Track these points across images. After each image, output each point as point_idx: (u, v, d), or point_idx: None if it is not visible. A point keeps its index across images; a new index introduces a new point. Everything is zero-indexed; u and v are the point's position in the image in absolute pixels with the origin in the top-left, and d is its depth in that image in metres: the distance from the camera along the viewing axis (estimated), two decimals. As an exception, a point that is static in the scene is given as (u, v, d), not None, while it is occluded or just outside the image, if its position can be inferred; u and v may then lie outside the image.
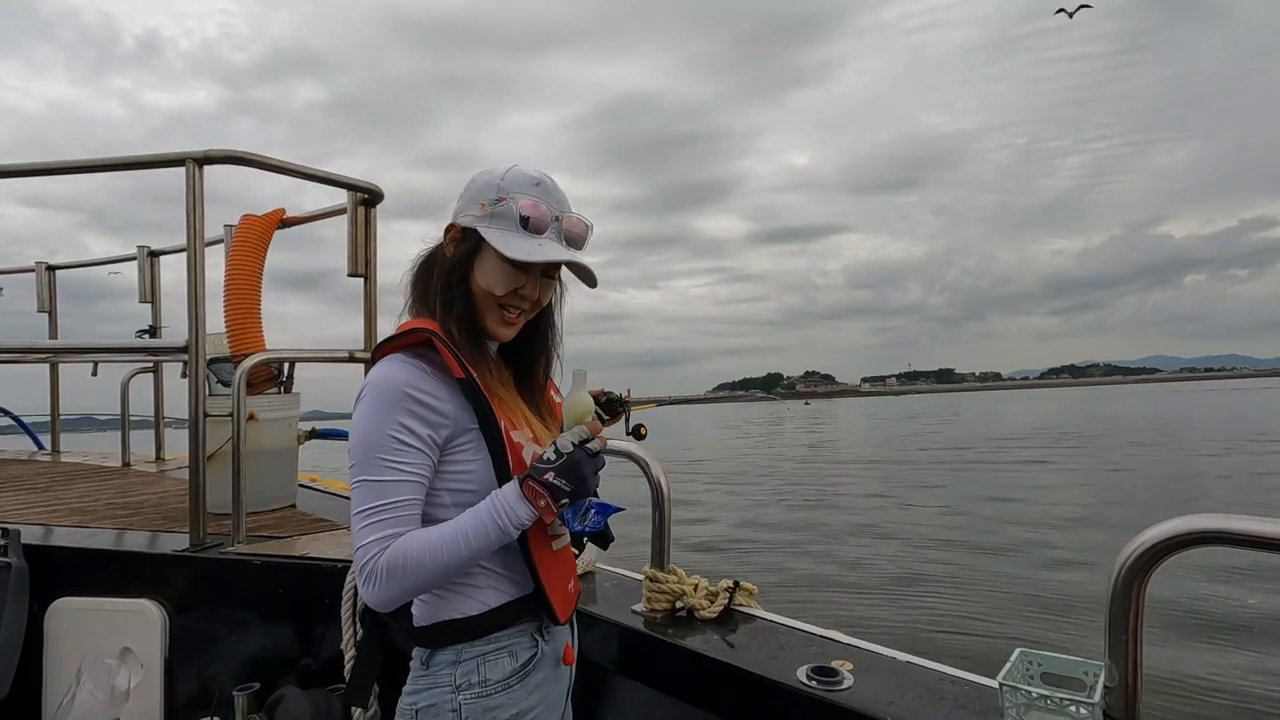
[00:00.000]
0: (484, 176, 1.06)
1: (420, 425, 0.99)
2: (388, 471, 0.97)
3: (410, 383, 0.99)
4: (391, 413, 0.98)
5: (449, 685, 1.03)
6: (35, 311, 4.54)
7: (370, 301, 2.60)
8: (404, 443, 0.98)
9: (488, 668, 1.04)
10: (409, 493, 0.98)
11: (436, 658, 1.05)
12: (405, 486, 0.98)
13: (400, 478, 0.97)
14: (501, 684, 1.04)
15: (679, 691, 1.46)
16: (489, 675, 1.04)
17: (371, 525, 0.96)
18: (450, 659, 1.04)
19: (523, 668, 1.06)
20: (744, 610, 1.59)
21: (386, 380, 1.00)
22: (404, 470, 0.98)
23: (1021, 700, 1.01)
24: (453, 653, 1.04)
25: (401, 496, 0.97)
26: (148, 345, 3.81)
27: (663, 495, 1.64)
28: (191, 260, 2.18)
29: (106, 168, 2.31)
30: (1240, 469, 15.91)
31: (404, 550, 0.94)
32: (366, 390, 1.01)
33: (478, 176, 1.07)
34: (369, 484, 0.97)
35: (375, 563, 0.94)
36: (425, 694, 1.04)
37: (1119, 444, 23.04)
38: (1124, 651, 0.98)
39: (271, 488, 2.82)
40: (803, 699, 1.21)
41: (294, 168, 2.39)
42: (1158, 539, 0.95)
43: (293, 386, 2.96)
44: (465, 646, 1.04)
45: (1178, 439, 24.16)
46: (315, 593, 1.94)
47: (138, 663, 2.05)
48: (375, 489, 0.96)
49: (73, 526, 2.59)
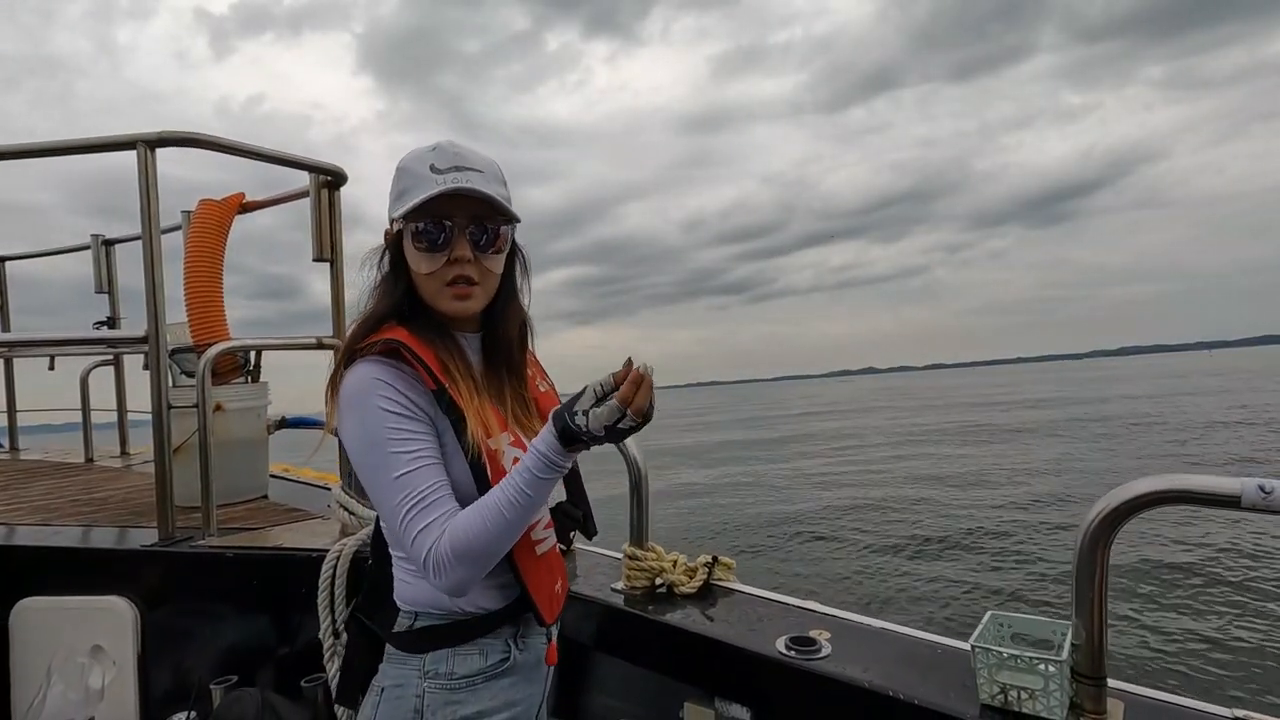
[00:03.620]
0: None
1: (411, 408, 0.97)
2: (405, 461, 0.94)
3: (385, 377, 0.97)
4: (379, 405, 0.95)
5: (417, 669, 1.03)
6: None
7: (337, 286, 2.54)
8: (405, 429, 0.95)
9: (457, 661, 1.03)
10: (434, 475, 0.95)
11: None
12: (427, 470, 0.95)
13: (419, 464, 0.95)
14: (466, 680, 1.03)
15: (661, 666, 1.48)
16: (456, 669, 1.03)
17: (415, 517, 0.92)
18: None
19: (491, 669, 1.05)
20: (723, 584, 1.61)
21: (364, 380, 0.97)
22: (420, 454, 0.95)
23: (993, 661, 1.03)
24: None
25: (429, 481, 0.94)
26: (106, 336, 3.71)
27: (640, 474, 1.64)
28: (148, 247, 2.11)
29: (53, 152, 2.21)
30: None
31: (462, 527, 0.91)
32: (346, 399, 0.98)
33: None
34: (391, 480, 0.94)
35: (438, 550, 0.91)
36: (393, 673, 1.04)
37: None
38: (1090, 610, 1.00)
39: (241, 479, 2.76)
40: (782, 668, 1.23)
41: (251, 149, 2.31)
42: (1120, 500, 0.97)
43: (260, 376, 2.90)
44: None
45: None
46: (290, 583, 1.91)
47: (110, 660, 2.01)
48: (400, 483, 0.93)
49: (35, 525, 2.52)
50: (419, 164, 1.01)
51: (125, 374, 4.22)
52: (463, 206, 1.01)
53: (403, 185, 1.02)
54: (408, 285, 1.05)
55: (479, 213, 1.02)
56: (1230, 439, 17.25)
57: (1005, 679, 1.03)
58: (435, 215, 1.00)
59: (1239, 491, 0.86)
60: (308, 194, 2.48)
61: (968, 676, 1.08)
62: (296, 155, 2.49)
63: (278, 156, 2.42)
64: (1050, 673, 1.00)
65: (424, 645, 1.04)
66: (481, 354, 1.12)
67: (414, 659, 1.03)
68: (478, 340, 1.12)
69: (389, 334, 1.00)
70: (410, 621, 1.06)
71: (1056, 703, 0.99)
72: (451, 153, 1.01)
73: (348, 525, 2.10)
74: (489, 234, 1.03)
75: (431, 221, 1.00)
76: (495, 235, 1.04)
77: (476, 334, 1.12)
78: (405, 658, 1.04)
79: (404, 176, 1.02)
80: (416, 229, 1.01)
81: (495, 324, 1.12)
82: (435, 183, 0.99)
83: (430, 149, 1.02)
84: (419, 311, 1.06)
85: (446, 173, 1.00)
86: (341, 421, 0.99)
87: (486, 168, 1.03)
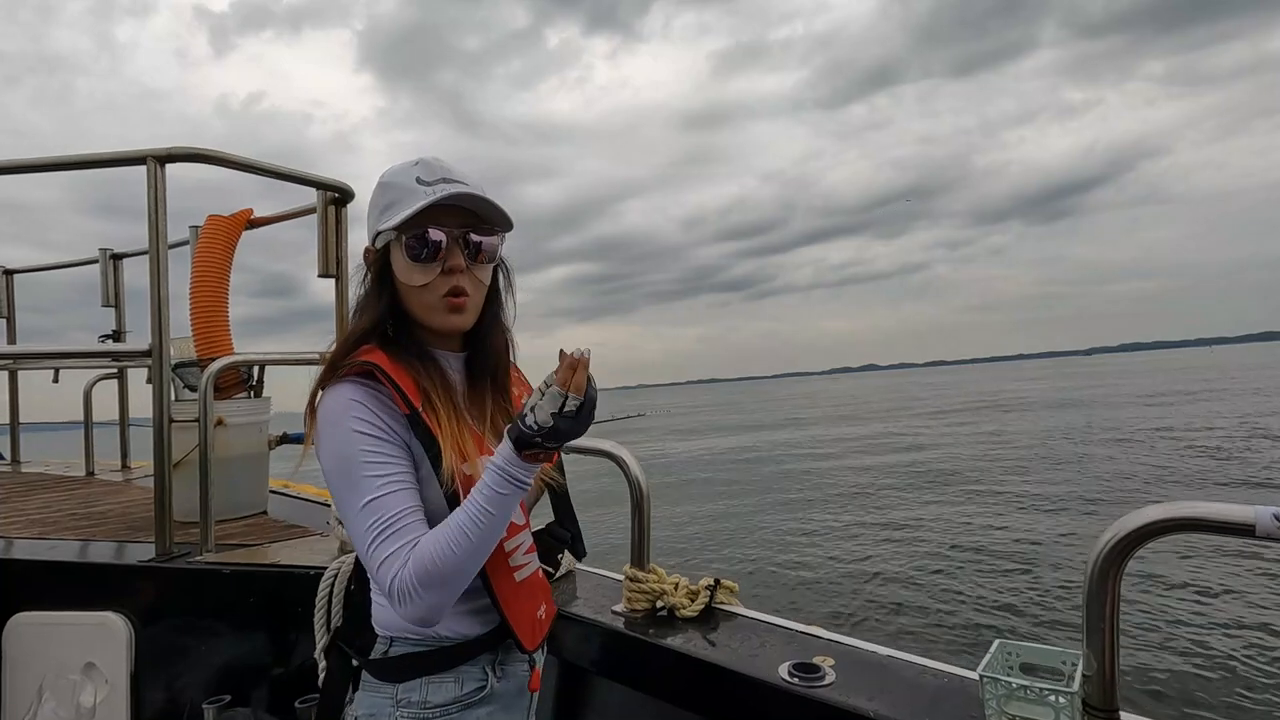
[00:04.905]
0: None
1: (385, 432, 0.95)
2: (375, 486, 0.92)
3: (361, 399, 0.95)
4: (353, 427, 0.93)
5: (390, 697, 1.00)
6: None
7: (342, 303, 2.55)
8: (379, 452, 0.93)
9: (430, 689, 1.00)
10: (406, 500, 0.93)
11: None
12: (400, 495, 0.93)
13: (391, 488, 0.92)
14: (440, 709, 1.00)
15: (660, 691, 1.45)
16: (430, 697, 1.00)
17: (382, 544, 0.90)
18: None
19: (466, 697, 1.02)
20: (725, 608, 1.58)
21: (340, 401, 0.95)
22: (391, 479, 0.93)
23: (1002, 691, 1.01)
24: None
25: (400, 506, 0.92)
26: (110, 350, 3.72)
27: (641, 494, 1.63)
28: (154, 262, 2.12)
29: (62, 166, 2.23)
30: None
31: (425, 552, 0.88)
32: (322, 420, 0.96)
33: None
34: (362, 505, 0.91)
35: (402, 577, 0.87)
36: (367, 701, 1.02)
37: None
38: (1101, 640, 0.98)
39: (241, 494, 2.75)
40: (785, 696, 1.20)
41: (261, 165, 2.33)
42: (1131, 528, 0.96)
43: (263, 390, 2.89)
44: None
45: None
46: (288, 601, 1.89)
47: (102, 678, 1.98)
48: (370, 508, 0.91)
49: (32, 538, 2.51)
50: (404, 178, 1.00)
51: (129, 387, 4.23)
52: (454, 216, 1.00)
53: (388, 199, 1.00)
54: (390, 301, 1.03)
55: (468, 223, 1.01)
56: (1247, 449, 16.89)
57: (1014, 710, 1.00)
58: (427, 224, 0.98)
59: (1253, 520, 0.85)
60: (314, 210, 2.50)
61: (975, 707, 1.06)
62: (304, 172, 2.51)
63: (285, 173, 2.45)
64: (1061, 704, 0.97)
65: (398, 673, 1.01)
66: (465, 372, 1.09)
67: (387, 687, 1.00)
68: (460, 360, 1.10)
69: (366, 356, 0.98)
70: (386, 647, 1.03)
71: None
72: (436, 166, 1.00)
73: (347, 543, 2.08)
74: (480, 244, 1.02)
75: (424, 232, 0.98)
76: (487, 245, 1.03)
77: (459, 353, 1.10)
78: (379, 685, 1.01)
79: (389, 191, 1.01)
80: (408, 240, 0.99)
81: (480, 341, 1.09)
82: (425, 194, 0.97)
83: (413, 164, 1.01)
84: (402, 329, 1.04)
85: (434, 184, 0.99)
86: (318, 442, 0.97)
87: (472, 181, 1.02)
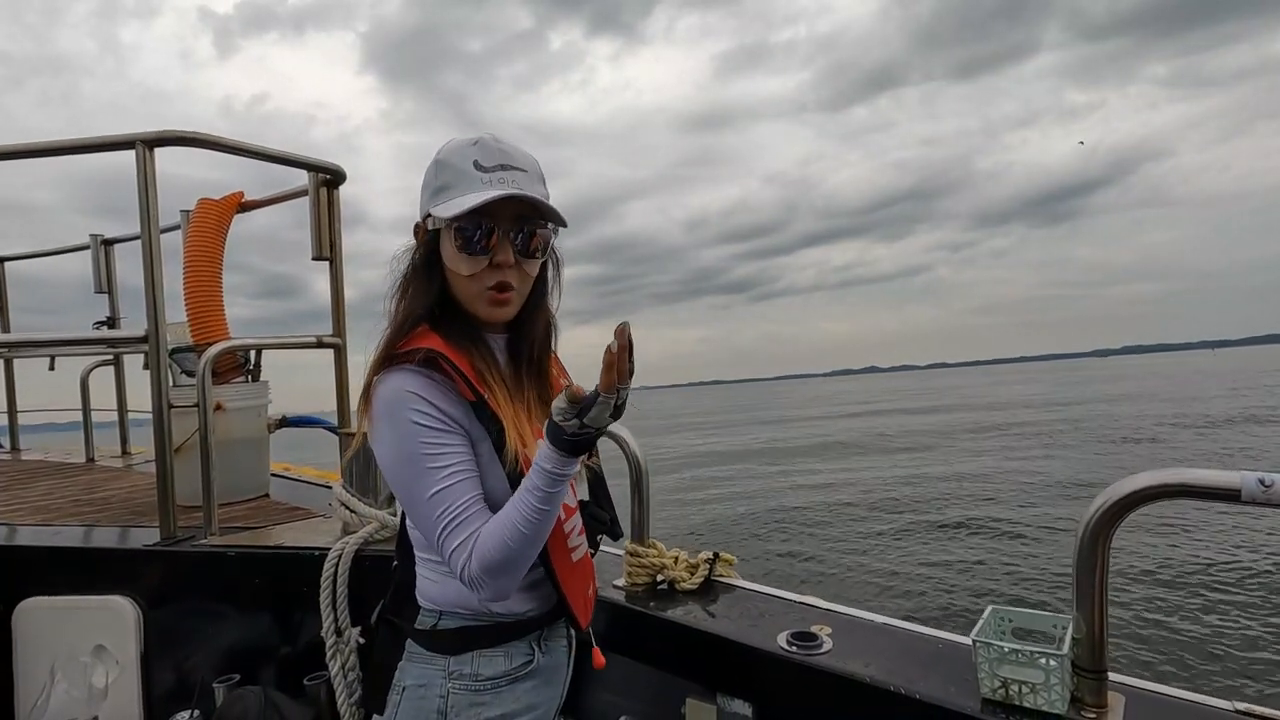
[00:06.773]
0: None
1: (443, 421, 0.95)
2: (440, 477, 0.93)
3: (417, 389, 0.94)
4: (412, 419, 0.93)
5: (442, 669, 1.02)
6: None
7: (336, 285, 2.54)
8: (439, 443, 0.94)
9: (482, 662, 1.02)
10: (469, 489, 0.94)
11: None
12: (463, 485, 0.94)
13: (455, 478, 0.94)
14: (491, 682, 1.02)
15: (662, 662, 1.48)
16: (481, 670, 1.02)
17: (450, 535, 0.92)
18: None
19: (514, 671, 1.04)
20: (724, 580, 1.61)
21: (397, 392, 0.94)
22: (454, 469, 0.94)
23: (994, 655, 1.04)
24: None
25: (465, 495, 0.93)
26: (106, 336, 3.71)
27: (641, 471, 1.65)
28: (147, 247, 2.11)
29: (52, 152, 2.21)
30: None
31: (486, 546, 0.91)
32: (378, 410, 0.95)
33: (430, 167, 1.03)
34: (428, 496, 0.93)
35: (469, 568, 0.91)
36: (415, 671, 1.03)
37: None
38: (1090, 604, 1.01)
39: (243, 478, 2.77)
40: (784, 664, 1.23)
41: (249, 148, 2.31)
42: (1121, 494, 0.97)
43: (260, 374, 2.89)
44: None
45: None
46: (293, 582, 1.91)
47: (113, 659, 2.01)
48: (436, 499, 0.93)
49: (37, 525, 2.52)
50: (461, 159, 0.97)
51: (125, 374, 4.22)
52: (507, 207, 0.97)
53: (443, 180, 0.98)
54: (442, 284, 1.02)
55: (522, 213, 0.99)
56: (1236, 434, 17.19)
57: (1006, 673, 1.03)
58: (479, 216, 0.96)
59: (1239, 485, 0.86)
60: (307, 193, 2.49)
61: (969, 671, 1.08)
62: (295, 154, 2.49)
63: (276, 155, 2.42)
64: (1051, 667, 1.00)
65: (451, 646, 1.02)
66: (507, 354, 1.09)
67: (439, 659, 1.02)
68: (504, 341, 1.09)
69: (424, 341, 0.97)
70: (434, 620, 1.04)
71: (1058, 696, 1.00)
72: (496, 149, 0.98)
73: (349, 523, 2.10)
74: (532, 238, 1.01)
75: (476, 223, 0.97)
76: (538, 239, 1.01)
77: (503, 335, 1.09)
78: (430, 657, 1.03)
79: (444, 170, 0.98)
80: (460, 229, 0.97)
81: (523, 326, 1.09)
82: (482, 181, 0.96)
83: (472, 143, 0.98)
84: (449, 312, 1.03)
85: (492, 171, 0.96)
86: (374, 432, 0.97)
87: (530, 166, 1.00)
